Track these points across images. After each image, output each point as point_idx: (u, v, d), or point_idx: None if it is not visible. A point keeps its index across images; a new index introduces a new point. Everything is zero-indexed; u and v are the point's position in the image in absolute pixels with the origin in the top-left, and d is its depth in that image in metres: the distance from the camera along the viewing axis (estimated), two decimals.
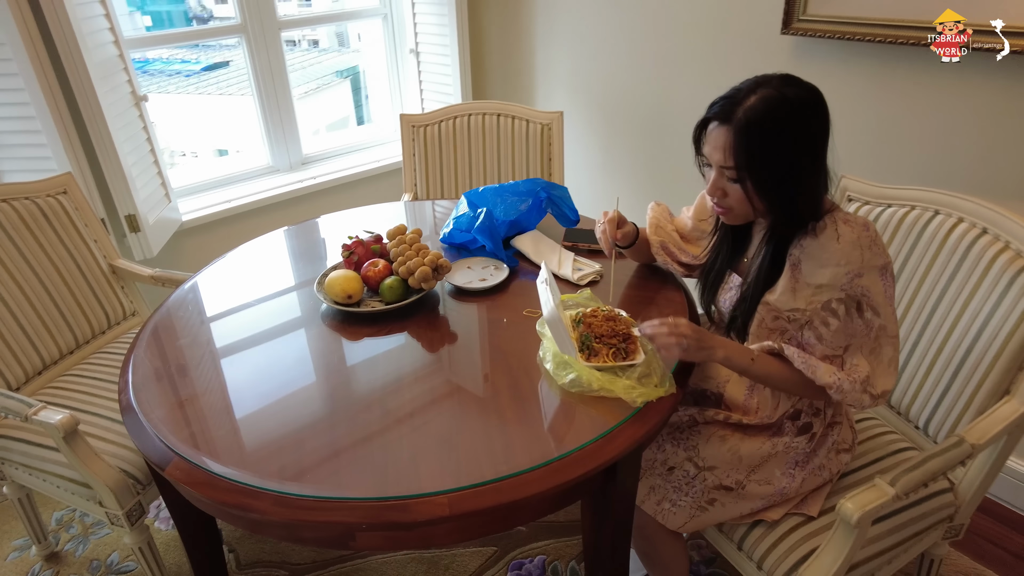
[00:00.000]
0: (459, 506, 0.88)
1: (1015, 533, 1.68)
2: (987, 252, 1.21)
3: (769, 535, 1.18)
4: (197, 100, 7.57)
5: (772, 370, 1.07)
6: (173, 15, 6.47)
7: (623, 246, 1.37)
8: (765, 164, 0.99)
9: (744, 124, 0.97)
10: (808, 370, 1.02)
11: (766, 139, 0.97)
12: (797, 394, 1.13)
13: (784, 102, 0.97)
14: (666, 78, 2.17)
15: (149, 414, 1.06)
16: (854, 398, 1.02)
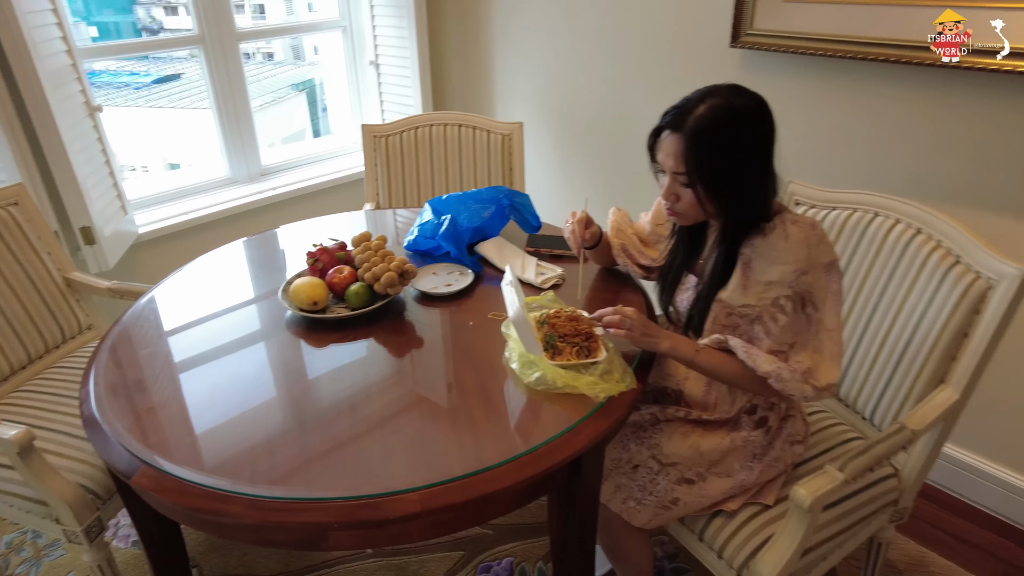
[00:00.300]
0: (430, 502, 0.90)
1: (956, 517, 1.78)
2: (922, 251, 1.29)
3: (728, 525, 1.22)
4: (148, 113, 7.39)
5: (716, 362, 1.13)
6: (121, 26, 6.31)
7: (589, 246, 1.41)
8: (714, 169, 1.04)
9: (694, 132, 1.03)
10: (749, 359, 1.08)
11: (715, 146, 1.03)
12: (741, 386, 1.18)
13: (731, 111, 1.03)
14: (622, 89, 2.24)
15: (113, 424, 1.04)
16: (795, 387, 1.07)
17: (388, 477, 0.93)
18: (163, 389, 1.14)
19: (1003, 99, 1.50)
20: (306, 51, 9.17)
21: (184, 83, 7.87)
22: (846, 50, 1.65)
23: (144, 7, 6.12)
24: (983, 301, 1.20)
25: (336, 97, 2.99)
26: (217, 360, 1.23)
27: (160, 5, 6.33)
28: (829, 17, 1.66)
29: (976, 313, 1.21)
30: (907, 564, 1.65)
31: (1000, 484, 1.75)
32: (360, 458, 0.98)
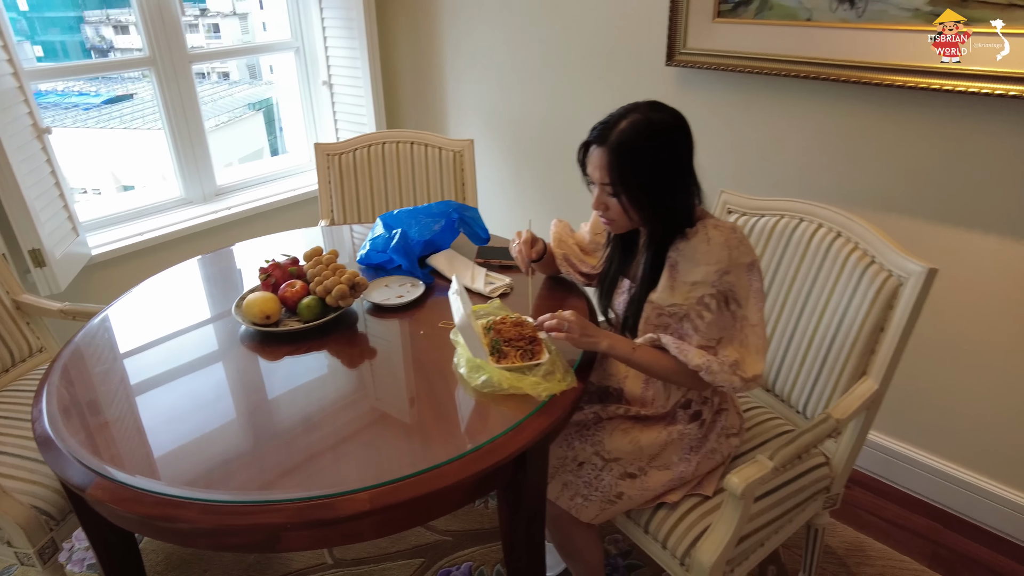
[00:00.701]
0: (379, 500, 0.94)
1: (888, 503, 1.89)
2: (841, 252, 1.40)
3: (670, 516, 1.29)
4: (98, 134, 7.25)
5: (651, 359, 1.20)
6: (68, 45, 6.20)
7: (535, 260, 1.48)
8: (636, 180, 1.13)
9: (617, 145, 1.12)
10: (681, 354, 1.16)
11: (635, 158, 1.12)
12: (675, 381, 1.25)
13: (650, 125, 1.12)
14: (566, 106, 2.33)
15: (66, 440, 1.06)
16: (724, 379, 1.15)
17: (339, 478, 0.97)
18: (116, 405, 1.16)
19: (911, 113, 1.63)
20: (262, 70, 9.12)
21: (136, 103, 7.74)
22: (771, 67, 1.76)
23: (92, 26, 6.02)
24: (895, 297, 1.30)
25: (291, 117, 3.02)
26: (171, 375, 1.25)
27: (109, 24, 6.24)
28: (754, 37, 1.77)
29: (890, 308, 1.31)
30: (846, 550, 1.74)
31: (928, 470, 1.87)
32: (312, 462, 1.01)
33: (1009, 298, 1.61)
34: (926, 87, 1.53)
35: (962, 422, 1.78)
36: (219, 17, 5.98)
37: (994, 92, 1.45)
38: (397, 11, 2.69)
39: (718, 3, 1.81)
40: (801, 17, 1.68)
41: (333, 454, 1.03)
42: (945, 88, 1.51)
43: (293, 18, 2.74)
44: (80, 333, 1.39)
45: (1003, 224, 1.58)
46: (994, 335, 1.66)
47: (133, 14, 2.27)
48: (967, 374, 1.73)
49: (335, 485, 0.96)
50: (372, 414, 1.14)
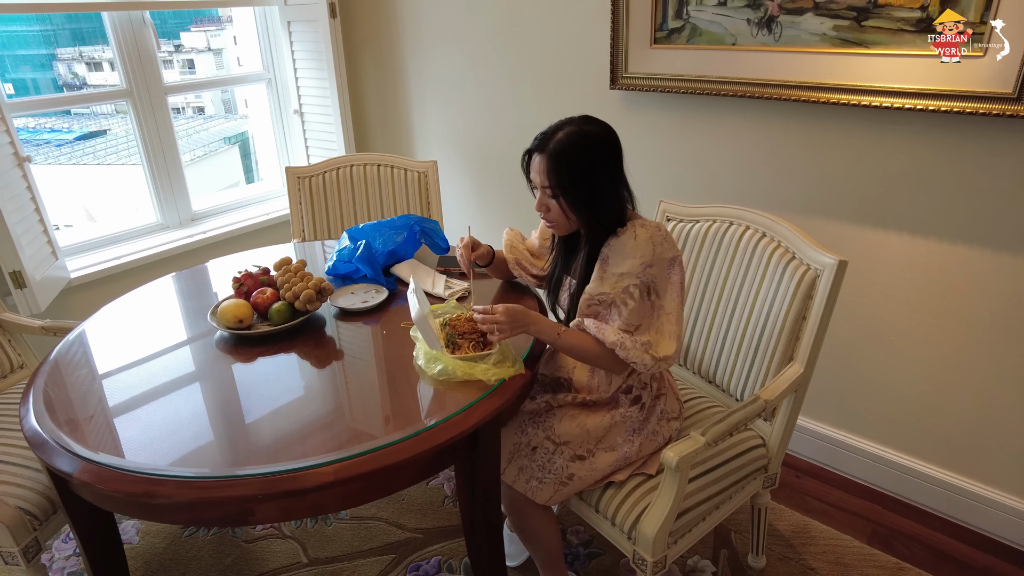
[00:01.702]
0: (343, 473, 1.05)
1: (831, 487, 2.02)
2: (766, 250, 1.54)
3: (618, 495, 1.40)
4: (71, 171, 7.29)
5: (574, 341, 1.32)
6: (40, 82, 6.27)
7: (483, 265, 1.61)
8: (571, 182, 1.27)
9: (554, 152, 1.26)
10: (599, 333, 1.28)
11: (571, 164, 1.26)
12: (597, 362, 1.35)
13: (583, 135, 1.27)
14: (521, 127, 2.48)
15: (52, 433, 1.15)
16: (636, 355, 1.27)
17: (304, 454, 1.08)
18: (98, 401, 1.25)
19: (825, 125, 1.80)
20: (237, 104, 9.22)
21: (110, 139, 7.80)
22: (703, 87, 1.94)
23: (65, 63, 6.11)
24: (814, 288, 1.45)
25: (264, 144, 3.14)
26: (150, 375, 1.35)
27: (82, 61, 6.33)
28: (687, 61, 1.95)
29: (810, 298, 1.46)
30: (792, 532, 1.86)
31: (865, 455, 2.00)
32: (279, 441, 1.12)
33: (922, 289, 1.77)
34: (837, 102, 1.71)
35: (893, 408, 1.92)
36: (194, 53, 6.12)
37: (893, 106, 1.63)
38: (363, 43, 2.84)
39: (654, 31, 1.99)
40: (727, 42, 1.86)
41: (299, 436, 1.13)
42: (852, 103, 1.68)
43: (264, 51, 2.88)
44: (62, 342, 1.48)
45: (912, 223, 1.74)
46: (910, 323, 1.82)
47: (107, 50, 2.39)
48: (894, 362, 1.88)
49: (301, 460, 1.06)
50: (338, 404, 1.24)
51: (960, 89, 1.54)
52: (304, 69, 2.79)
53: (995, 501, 1.79)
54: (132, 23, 2.38)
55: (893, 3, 1.57)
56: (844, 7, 1.64)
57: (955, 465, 1.86)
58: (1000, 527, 1.80)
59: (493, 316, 1.29)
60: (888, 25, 1.59)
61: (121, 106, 2.38)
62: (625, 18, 2.01)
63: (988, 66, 1.50)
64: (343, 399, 1.26)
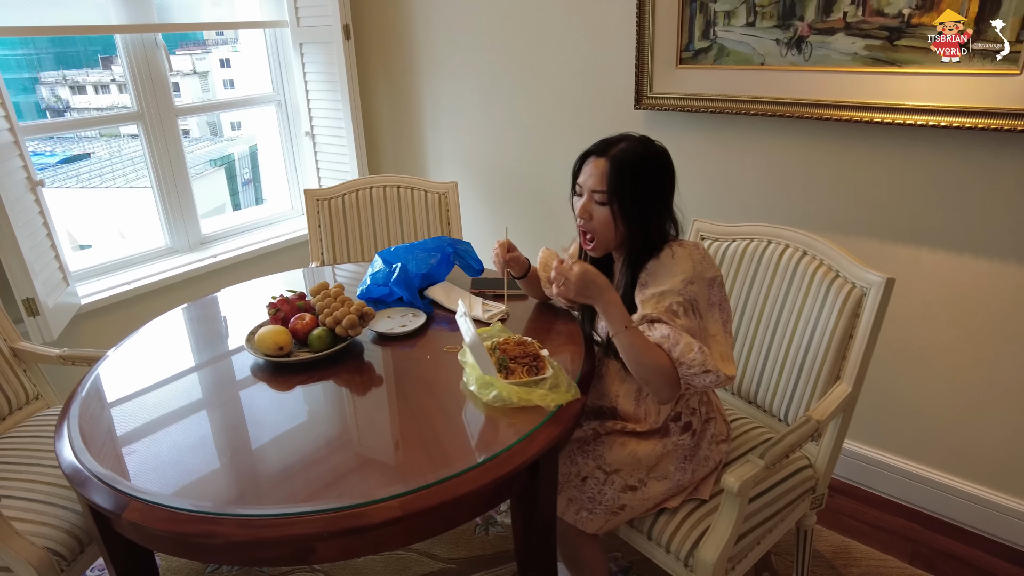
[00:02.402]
0: (408, 507, 1.00)
1: (868, 507, 1.99)
2: (808, 269, 1.53)
3: (672, 521, 1.37)
4: (54, 194, 7.18)
5: (640, 342, 1.21)
6: (22, 106, 6.18)
7: (517, 275, 1.58)
8: (629, 191, 1.25)
9: (617, 158, 1.25)
10: (674, 333, 1.20)
11: (632, 173, 1.25)
12: (651, 375, 1.22)
13: (646, 149, 1.28)
14: (541, 149, 2.47)
15: (94, 468, 1.09)
16: (712, 364, 1.19)
17: (367, 489, 1.03)
18: (140, 435, 1.19)
19: (857, 144, 1.80)
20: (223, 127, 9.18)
21: (94, 163, 7.70)
22: (730, 107, 1.94)
23: (48, 87, 6.05)
24: (860, 306, 1.44)
25: (271, 167, 3.10)
26: (188, 408, 1.29)
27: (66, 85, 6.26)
28: (714, 81, 1.95)
29: (856, 316, 1.44)
30: (833, 553, 1.83)
31: (901, 473, 1.98)
32: (338, 475, 1.07)
33: (954, 306, 1.77)
34: (868, 120, 1.71)
35: (928, 426, 1.91)
36: (179, 76, 6.09)
37: (927, 124, 1.63)
38: (376, 65, 2.83)
39: (680, 51, 1.99)
40: (755, 62, 1.86)
41: (359, 470, 1.09)
42: (885, 121, 1.69)
43: (275, 73, 2.86)
44: (92, 371, 1.42)
45: (945, 240, 1.74)
46: (944, 340, 1.81)
47: (91, 74, 2.36)
48: (927, 379, 1.87)
49: (364, 495, 1.01)
50: (388, 430, 1.20)
51: (994, 107, 1.55)
52: (316, 91, 2.77)
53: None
54: (144, 45, 2.35)
55: (927, 23, 1.58)
56: (876, 27, 1.65)
57: (992, 482, 1.84)
58: None
59: (565, 271, 1.23)
60: (921, 44, 1.60)
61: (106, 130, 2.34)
62: (651, 39, 2.01)
63: (1023, 84, 1.51)
64: (396, 429, 1.21)
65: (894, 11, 1.61)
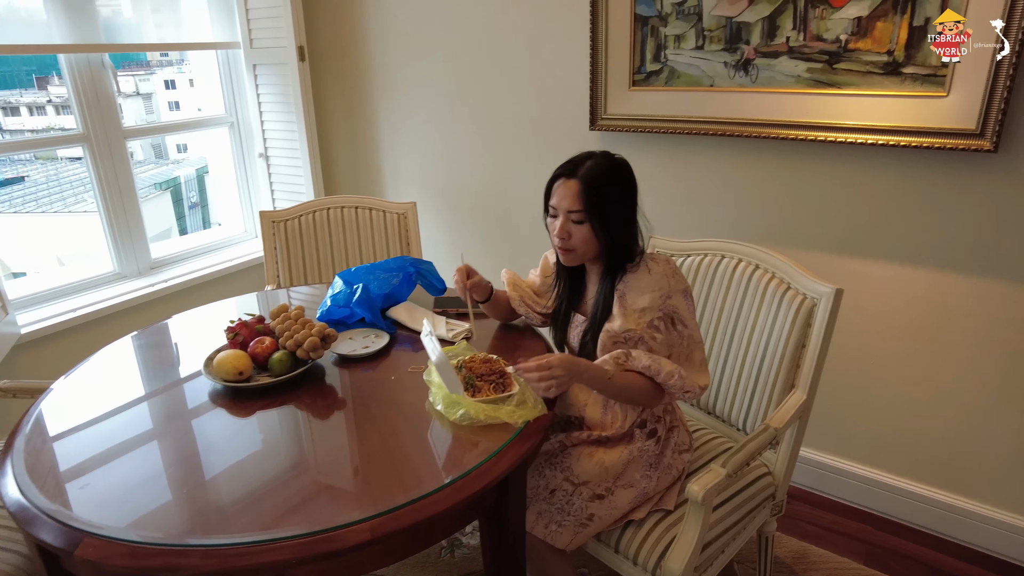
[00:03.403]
0: (380, 529, 0.98)
1: (824, 512, 2.06)
2: (761, 282, 1.59)
3: (638, 533, 1.38)
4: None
5: (625, 383, 1.30)
6: None
7: (480, 300, 1.59)
8: (604, 207, 1.31)
9: (586, 177, 1.31)
10: (655, 363, 1.28)
11: (604, 188, 1.31)
12: (639, 399, 1.35)
13: (612, 164, 1.34)
14: (500, 169, 2.50)
15: (43, 505, 1.04)
16: (690, 384, 1.29)
17: (337, 512, 1.01)
18: (91, 468, 1.14)
19: (803, 161, 1.89)
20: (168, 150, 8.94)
21: (28, 186, 7.38)
22: (682, 127, 2.01)
23: None
24: (811, 316, 1.49)
25: (223, 189, 3.04)
26: (143, 437, 1.24)
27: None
28: (666, 102, 2.02)
29: (808, 326, 1.50)
30: (793, 558, 1.87)
31: (854, 478, 2.06)
32: (307, 499, 1.04)
33: (901, 315, 1.86)
34: (812, 139, 1.80)
35: (879, 431, 1.99)
36: (122, 97, 5.94)
37: (866, 142, 1.73)
38: (331, 86, 2.82)
39: (632, 73, 2.05)
40: (705, 83, 1.94)
41: (328, 492, 1.07)
42: (828, 139, 1.78)
43: (227, 94, 2.81)
44: (36, 406, 1.35)
45: (890, 252, 1.84)
46: (892, 348, 1.90)
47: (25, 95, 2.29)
48: (877, 385, 1.96)
49: (334, 519, 0.99)
50: (356, 453, 1.18)
51: (927, 126, 1.65)
52: (270, 112, 2.74)
53: (983, 515, 1.86)
54: (91, 65, 2.29)
55: (862, 48, 1.68)
56: (817, 51, 1.74)
57: (942, 482, 1.93)
58: (989, 541, 1.87)
59: (551, 371, 1.23)
60: (858, 68, 1.70)
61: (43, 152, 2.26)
62: (604, 62, 2.07)
63: (952, 105, 1.61)
64: (363, 451, 1.19)
65: (832, 36, 1.71)
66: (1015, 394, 1.76)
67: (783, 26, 1.76)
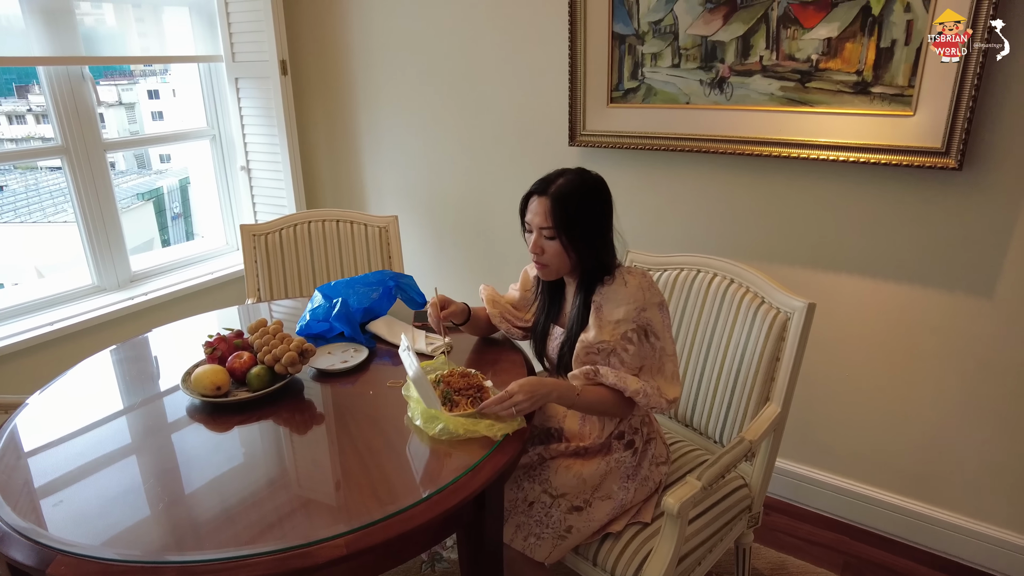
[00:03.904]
0: (355, 545, 0.99)
1: (800, 523, 2.08)
2: (736, 296, 1.62)
3: (616, 546, 1.39)
4: None
5: (593, 398, 1.34)
6: None
7: (458, 323, 1.60)
8: (573, 223, 1.33)
9: (556, 195, 1.33)
10: (620, 381, 1.30)
11: (574, 205, 1.33)
12: (611, 412, 1.39)
13: (583, 181, 1.36)
14: (481, 183, 2.52)
15: (14, 522, 1.03)
16: (656, 401, 1.31)
17: (312, 528, 1.01)
18: (65, 484, 1.14)
19: (775, 177, 1.93)
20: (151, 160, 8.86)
21: (6, 195, 7.26)
22: (659, 143, 2.04)
23: None
24: (785, 329, 1.52)
25: (204, 201, 3.03)
26: (118, 451, 1.24)
27: None
28: (643, 119, 2.05)
29: (782, 340, 1.53)
30: (770, 569, 1.89)
31: (829, 488, 2.08)
32: (282, 515, 1.05)
33: (872, 327, 1.90)
34: (785, 156, 1.84)
35: (852, 442, 2.02)
36: (104, 107, 5.90)
37: (838, 159, 1.77)
38: (314, 103, 2.83)
39: (610, 91, 2.09)
40: (681, 101, 1.98)
41: (303, 509, 1.07)
42: (800, 156, 1.82)
43: (209, 107, 2.82)
44: (10, 421, 1.34)
45: (861, 266, 1.88)
46: (865, 359, 1.94)
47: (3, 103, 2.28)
48: (849, 397, 1.99)
49: (309, 535, 1.00)
50: (334, 471, 1.18)
51: (895, 144, 1.70)
52: (252, 125, 2.74)
53: (955, 525, 1.90)
54: (71, 77, 2.28)
55: (832, 67, 1.73)
56: (789, 70, 1.78)
57: (916, 493, 1.96)
58: (961, 550, 1.90)
59: (511, 399, 1.25)
60: (829, 87, 1.74)
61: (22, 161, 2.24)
62: (583, 79, 2.11)
63: (918, 124, 1.66)
64: (340, 466, 1.20)
65: (804, 56, 1.75)
66: (982, 406, 1.80)
67: (757, 45, 1.81)
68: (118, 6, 2.58)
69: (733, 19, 1.82)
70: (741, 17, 1.81)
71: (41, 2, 2.19)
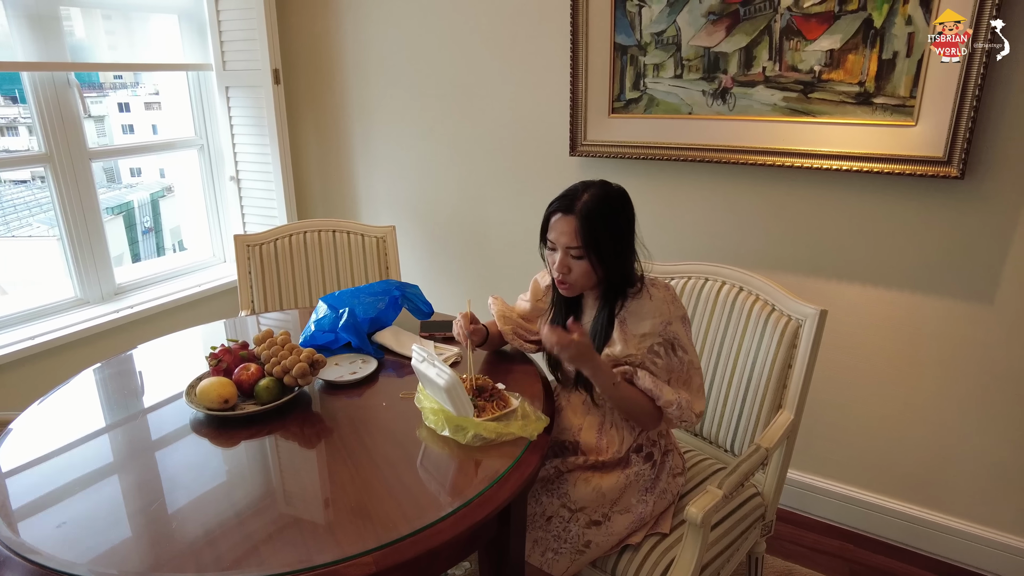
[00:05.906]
0: (383, 562, 0.95)
1: (807, 532, 2.08)
2: (746, 304, 1.61)
3: (635, 558, 1.37)
4: None
5: (628, 394, 1.31)
6: None
7: (478, 344, 1.56)
8: (604, 241, 1.30)
9: (586, 214, 1.29)
10: (656, 388, 1.28)
11: (601, 223, 1.29)
12: (637, 417, 1.36)
13: (608, 196, 1.32)
14: (479, 193, 2.50)
15: (9, 541, 0.97)
16: (687, 414, 1.30)
17: (338, 546, 0.97)
18: (62, 502, 1.07)
19: (778, 186, 1.94)
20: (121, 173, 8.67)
21: None
22: (661, 153, 2.05)
23: None
24: (796, 337, 1.52)
25: (191, 212, 2.96)
26: (119, 466, 1.18)
27: None
28: (645, 129, 2.06)
29: (794, 347, 1.53)
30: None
31: (834, 496, 2.09)
32: (306, 534, 1.00)
33: (876, 334, 1.91)
34: (788, 165, 1.86)
35: (856, 449, 2.03)
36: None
37: (841, 168, 1.79)
38: (306, 112, 2.79)
39: (612, 101, 2.09)
40: (683, 111, 1.99)
41: (324, 524, 1.02)
42: (804, 166, 1.83)
43: (197, 116, 2.76)
44: (3, 436, 1.27)
45: (864, 274, 1.89)
46: (869, 367, 1.95)
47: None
48: (854, 404, 2.00)
49: (336, 553, 0.95)
50: (353, 484, 1.14)
51: (897, 153, 1.72)
52: (243, 135, 2.69)
53: (960, 531, 1.91)
54: (56, 85, 2.21)
55: (835, 78, 1.75)
56: (792, 81, 1.80)
57: (920, 499, 1.97)
58: (965, 555, 1.91)
59: (569, 336, 1.25)
60: (831, 97, 1.77)
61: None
62: (584, 89, 2.11)
63: (920, 134, 1.69)
64: (360, 481, 1.15)
65: (806, 67, 1.77)
66: (985, 411, 1.82)
67: (759, 57, 1.83)
68: (105, 13, 2.51)
69: (736, 31, 1.84)
70: (744, 29, 1.83)
71: (26, 8, 2.12)
